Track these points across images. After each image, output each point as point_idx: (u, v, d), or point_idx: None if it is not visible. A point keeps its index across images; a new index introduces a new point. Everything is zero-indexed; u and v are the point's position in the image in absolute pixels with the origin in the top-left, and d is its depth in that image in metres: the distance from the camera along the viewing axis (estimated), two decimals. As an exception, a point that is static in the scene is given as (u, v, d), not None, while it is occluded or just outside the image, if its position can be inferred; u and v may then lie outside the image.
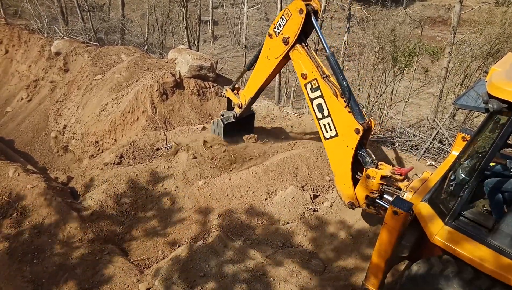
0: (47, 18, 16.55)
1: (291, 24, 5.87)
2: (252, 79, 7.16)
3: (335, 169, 5.78)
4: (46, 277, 5.31)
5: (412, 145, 9.08)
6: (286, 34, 5.99)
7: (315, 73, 5.68)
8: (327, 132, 5.67)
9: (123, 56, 12.06)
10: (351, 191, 5.56)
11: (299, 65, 5.96)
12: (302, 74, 5.86)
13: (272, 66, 6.54)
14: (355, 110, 5.29)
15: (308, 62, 5.81)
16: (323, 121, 5.68)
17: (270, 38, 6.32)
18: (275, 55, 6.36)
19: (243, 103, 7.66)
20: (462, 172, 3.78)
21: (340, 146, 5.50)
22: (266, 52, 6.53)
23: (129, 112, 9.48)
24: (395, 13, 19.90)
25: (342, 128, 5.44)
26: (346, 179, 5.57)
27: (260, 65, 6.81)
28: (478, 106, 3.41)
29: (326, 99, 5.58)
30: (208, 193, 7.07)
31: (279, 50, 6.22)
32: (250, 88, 7.32)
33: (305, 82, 5.84)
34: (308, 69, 5.78)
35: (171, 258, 5.70)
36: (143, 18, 24.29)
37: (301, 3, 5.61)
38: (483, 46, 14.16)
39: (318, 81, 5.64)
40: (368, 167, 5.36)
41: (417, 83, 18.93)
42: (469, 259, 3.43)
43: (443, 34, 24.99)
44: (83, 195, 7.26)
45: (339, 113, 5.45)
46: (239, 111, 7.88)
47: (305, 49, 5.95)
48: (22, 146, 11.05)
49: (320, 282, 5.50)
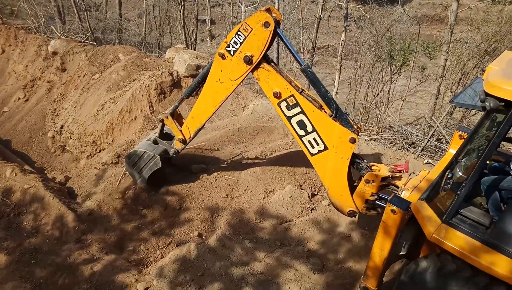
0: (44, 18, 16.50)
1: (254, 40, 5.16)
2: (199, 107, 6.10)
3: (329, 183, 5.48)
4: (44, 277, 5.30)
5: (410, 143, 9.12)
6: (248, 52, 5.22)
7: (290, 90, 5.18)
8: (313, 147, 5.35)
9: (120, 55, 12.03)
10: (350, 200, 5.39)
11: (267, 85, 5.36)
12: (274, 94, 5.28)
13: (229, 90, 5.74)
14: (343, 119, 5.10)
15: (279, 78, 5.25)
16: (307, 138, 5.34)
17: (223, 59, 5.48)
18: (232, 77, 5.57)
19: (187, 137, 6.46)
20: (459, 170, 3.79)
21: (333, 158, 5.26)
22: (217, 74, 5.66)
23: (127, 112, 9.46)
24: (392, 12, 19.93)
25: (333, 140, 5.16)
26: (343, 190, 5.37)
27: (210, 90, 5.85)
28: (475, 104, 3.42)
29: (309, 114, 5.20)
30: (207, 193, 7.07)
31: (239, 71, 5.46)
32: (196, 118, 6.23)
33: (279, 101, 5.32)
34: (281, 87, 5.23)
35: (170, 257, 5.70)
36: (140, 17, 24.24)
37: (266, 15, 4.98)
38: (480, 44, 14.22)
39: (296, 97, 5.18)
40: (364, 172, 5.30)
41: (414, 82, 18.98)
42: (467, 257, 3.45)
43: (440, 32, 25.04)
44: (81, 195, 7.26)
45: (326, 126, 5.15)
46: (180, 146, 6.59)
47: (272, 66, 5.34)
48: (19, 146, 11.01)
49: (318, 280, 5.52)
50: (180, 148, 6.61)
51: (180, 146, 6.58)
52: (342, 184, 5.35)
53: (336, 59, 19.02)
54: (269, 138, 9.06)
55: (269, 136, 9.13)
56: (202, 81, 5.98)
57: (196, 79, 6.18)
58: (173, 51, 11.66)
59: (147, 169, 6.61)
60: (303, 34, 18.46)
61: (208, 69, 5.80)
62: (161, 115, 6.55)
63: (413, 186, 4.68)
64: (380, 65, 16.83)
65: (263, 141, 8.92)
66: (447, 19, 18.22)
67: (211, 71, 5.74)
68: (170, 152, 6.61)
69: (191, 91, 6.27)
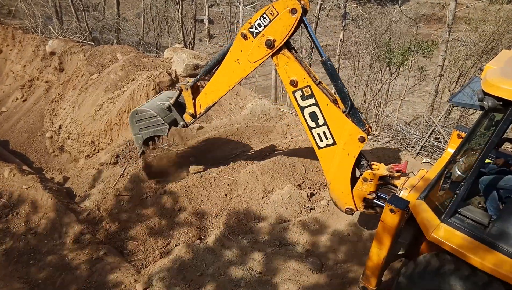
0: (41, 18, 16.46)
1: (279, 25, 5.09)
2: (214, 85, 6.05)
3: (331, 178, 5.50)
4: (43, 277, 5.29)
5: (408, 143, 9.13)
6: (270, 36, 5.16)
7: (308, 80, 5.16)
8: (321, 141, 5.35)
9: (118, 55, 12.01)
10: (349, 197, 5.40)
11: (284, 72, 5.34)
12: (291, 81, 5.26)
13: (246, 71, 5.67)
14: (356, 117, 5.10)
15: (298, 67, 5.22)
16: (317, 130, 5.34)
17: (244, 40, 5.40)
18: (251, 59, 5.50)
19: (198, 112, 6.41)
20: (458, 170, 3.80)
21: (339, 154, 5.25)
22: (236, 54, 5.58)
23: (125, 112, 9.44)
24: (390, 11, 19.95)
25: (342, 136, 5.17)
26: (345, 187, 5.37)
27: (227, 69, 5.78)
28: (473, 103, 3.43)
29: (322, 107, 5.19)
30: (205, 193, 7.06)
31: (259, 53, 5.39)
32: (209, 95, 6.21)
33: (294, 89, 5.29)
34: (299, 76, 5.21)
35: (169, 257, 5.70)
36: (138, 17, 24.21)
37: (295, 1, 4.88)
38: (478, 43, 14.25)
39: (312, 88, 5.16)
40: (363, 170, 5.32)
41: (412, 81, 19.00)
42: (465, 256, 3.45)
43: (438, 32, 25.07)
44: (80, 195, 7.25)
45: (338, 121, 5.15)
46: (190, 120, 6.52)
47: (292, 53, 5.30)
48: (18, 146, 10.98)
49: (317, 280, 5.52)
50: (189, 122, 6.56)
51: (190, 120, 6.52)
52: (344, 181, 5.37)
53: (334, 59, 19.03)
54: (267, 138, 9.06)
55: (268, 136, 9.13)
56: (221, 59, 5.85)
57: (215, 57, 6.06)
58: (171, 51, 11.64)
59: (150, 131, 6.55)
60: (301, 33, 18.46)
61: (229, 48, 5.70)
62: (181, 84, 6.37)
63: (411, 185, 4.69)
64: (378, 65, 16.84)
65: (262, 141, 8.92)
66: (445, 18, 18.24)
67: (230, 50, 5.64)
68: (179, 124, 6.58)
69: (210, 69, 6.14)
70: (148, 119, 6.46)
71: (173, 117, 6.56)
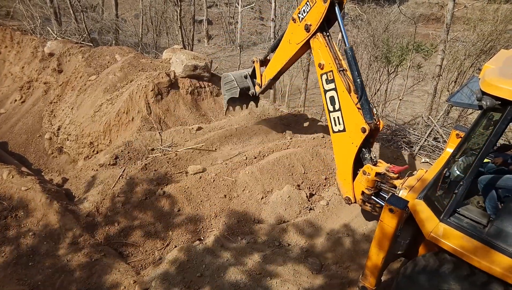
0: (40, 19, 16.43)
1: (314, 12, 5.75)
2: (273, 60, 7.09)
3: (338, 163, 5.81)
4: (42, 279, 5.28)
5: (407, 143, 9.14)
6: (308, 21, 5.87)
7: (332, 65, 5.61)
8: (335, 125, 5.65)
9: (117, 56, 12.00)
10: (350, 187, 5.59)
11: (317, 55, 5.90)
12: (319, 64, 5.79)
13: (293, 51, 6.45)
14: (365, 108, 5.26)
15: (327, 52, 5.73)
16: (333, 114, 5.66)
17: (294, 23, 6.20)
18: (296, 41, 6.27)
19: (262, 83, 7.54)
20: (456, 169, 3.80)
21: (346, 141, 5.52)
22: (289, 36, 6.44)
23: (124, 113, 9.43)
24: (389, 11, 19.96)
25: (350, 124, 5.44)
26: (347, 174, 5.60)
27: (282, 48, 6.72)
28: (472, 103, 3.43)
29: (339, 93, 5.54)
30: (205, 193, 7.06)
31: (301, 36, 6.12)
32: (270, 69, 7.23)
33: (322, 72, 5.78)
34: (326, 60, 5.72)
35: (168, 259, 5.69)
36: (137, 18, 24.19)
37: None
38: (476, 43, 14.27)
39: (334, 74, 5.59)
40: (365, 163, 5.39)
41: (411, 81, 19.01)
42: (464, 255, 3.45)
43: (437, 32, 25.10)
44: (79, 197, 7.23)
45: (349, 109, 5.43)
46: (258, 90, 7.78)
47: (325, 39, 5.85)
48: (16, 148, 10.97)
49: (317, 280, 5.52)
50: (258, 91, 7.84)
51: (258, 89, 7.80)
52: (347, 169, 5.57)
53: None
54: (267, 138, 9.06)
55: (267, 136, 9.13)
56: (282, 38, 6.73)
57: (280, 35, 6.91)
58: (170, 52, 11.64)
59: (228, 92, 7.96)
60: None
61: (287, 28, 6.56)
62: (254, 57, 7.74)
63: (410, 185, 4.69)
64: (377, 65, 16.85)
65: (261, 141, 8.92)
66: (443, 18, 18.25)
67: (286, 32, 6.53)
68: (250, 91, 7.90)
69: (276, 46, 6.99)
70: (229, 82, 7.91)
71: (247, 84, 7.87)
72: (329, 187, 7.59)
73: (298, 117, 10.21)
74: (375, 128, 5.29)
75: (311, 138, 8.67)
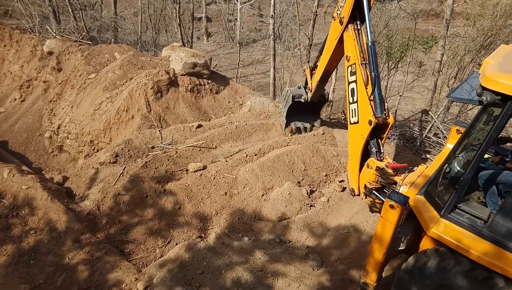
0: (38, 17, 16.36)
1: (347, 5, 6.03)
2: (319, 62, 7.29)
3: (349, 155, 5.95)
4: (43, 277, 5.29)
5: (407, 138, 9.13)
6: (342, 15, 6.13)
7: (356, 58, 5.77)
8: (352, 117, 5.79)
9: (116, 54, 11.98)
10: (356, 179, 5.70)
11: (347, 47, 6.09)
12: (346, 56, 6.01)
13: (332, 48, 6.62)
14: (376, 102, 5.38)
15: (353, 45, 5.91)
16: (352, 106, 5.79)
17: (334, 20, 6.45)
18: (334, 36, 6.47)
19: (312, 87, 7.72)
20: (457, 165, 3.80)
21: (357, 133, 5.63)
22: (329, 34, 6.68)
23: (124, 111, 9.42)
24: (388, 7, 19.88)
25: (362, 116, 5.56)
26: (354, 166, 5.71)
27: (325, 48, 6.94)
28: (472, 98, 3.43)
29: (358, 85, 5.69)
30: (205, 191, 7.06)
31: (337, 31, 6.35)
32: (317, 71, 7.39)
33: (348, 64, 5.97)
34: (352, 53, 5.90)
35: (169, 256, 5.70)
36: (136, 15, 24.11)
37: None
38: (476, 38, 14.20)
39: (356, 66, 5.74)
40: (371, 157, 5.44)
41: (411, 77, 18.97)
42: (465, 251, 3.46)
43: (437, 27, 25.02)
44: (79, 195, 7.24)
45: (363, 102, 5.56)
46: (310, 95, 8.00)
47: (355, 33, 6.03)
48: (16, 147, 10.97)
49: (318, 276, 5.53)
50: (309, 97, 8.07)
51: (310, 95, 8.05)
52: (355, 160, 5.68)
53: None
54: (267, 136, 9.05)
55: (267, 133, 9.13)
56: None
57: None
58: (170, 50, 11.61)
59: (285, 103, 8.41)
60: (300, 30, 18.41)
61: None
62: (305, 65, 8.30)
63: (411, 181, 4.69)
64: (376, 62, 16.75)
65: (261, 139, 8.92)
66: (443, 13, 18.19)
67: (329, 31, 6.71)
68: (302, 97, 8.15)
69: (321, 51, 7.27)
70: (286, 96, 8.41)
71: (301, 92, 8.17)
72: (329, 183, 7.59)
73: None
74: (384, 123, 5.34)
75: (311, 135, 8.67)
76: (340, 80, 18.31)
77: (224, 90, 10.88)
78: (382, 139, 5.59)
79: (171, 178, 7.29)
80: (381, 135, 5.57)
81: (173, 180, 7.24)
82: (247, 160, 7.76)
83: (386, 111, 5.40)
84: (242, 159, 7.77)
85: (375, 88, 5.39)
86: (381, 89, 5.61)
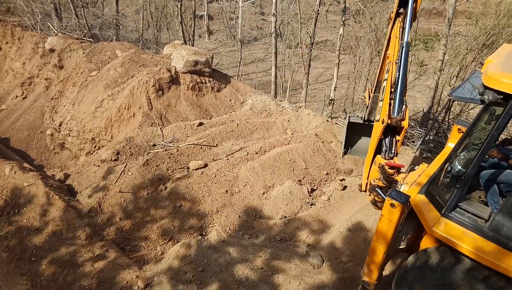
0: (40, 15, 16.37)
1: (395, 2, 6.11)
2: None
3: (368, 150, 5.92)
4: (45, 274, 5.31)
5: (409, 137, 9.12)
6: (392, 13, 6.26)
7: (393, 56, 5.79)
8: (377, 115, 5.78)
9: (118, 52, 11.98)
10: (366, 174, 5.74)
11: (390, 43, 6.13)
12: (387, 53, 6.09)
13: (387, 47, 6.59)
14: (395, 102, 5.39)
15: (393, 44, 5.93)
16: (380, 103, 5.77)
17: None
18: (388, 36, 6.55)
19: (368, 102, 7.46)
20: (458, 164, 3.79)
21: (375, 131, 5.65)
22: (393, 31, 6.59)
23: (125, 109, 9.43)
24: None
25: (381, 115, 5.56)
26: (367, 163, 5.76)
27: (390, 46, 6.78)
28: (474, 97, 3.41)
29: (387, 84, 5.69)
30: (206, 189, 7.07)
31: (389, 28, 6.43)
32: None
33: (387, 61, 6.02)
34: (391, 51, 5.94)
35: (170, 254, 5.71)
36: (137, 13, 24.08)
37: None
38: (478, 37, 14.15)
39: (391, 65, 5.76)
40: (381, 155, 5.45)
41: (412, 76, 18.94)
42: (466, 249, 3.46)
43: (439, 26, 24.96)
44: (81, 192, 7.26)
45: (385, 101, 5.56)
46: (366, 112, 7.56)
47: (399, 31, 6.04)
48: (18, 144, 10.99)
49: (318, 274, 5.54)
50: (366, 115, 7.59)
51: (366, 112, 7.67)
52: (369, 157, 5.72)
53: (334, 54, 18.95)
54: (268, 134, 9.06)
55: (268, 132, 9.13)
56: None
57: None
58: (171, 47, 11.61)
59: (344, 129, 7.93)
60: (301, 28, 18.38)
61: None
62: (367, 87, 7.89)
63: (412, 180, 4.69)
64: (378, 60, 16.74)
65: (262, 137, 8.92)
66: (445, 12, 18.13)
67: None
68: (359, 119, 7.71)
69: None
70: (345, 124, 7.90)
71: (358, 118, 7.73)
72: (330, 182, 7.59)
73: (300, 112, 10.20)
74: (396, 124, 5.32)
75: (312, 134, 8.67)
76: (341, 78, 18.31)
77: (225, 88, 10.88)
78: (398, 140, 5.58)
79: (172, 176, 7.31)
80: (397, 137, 5.55)
81: (174, 178, 7.25)
82: (248, 158, 7.76)
83: (403, 113, 5.38)
84: (243, 157, 7.77)
85: (397, 89, 5.41)
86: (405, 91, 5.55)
